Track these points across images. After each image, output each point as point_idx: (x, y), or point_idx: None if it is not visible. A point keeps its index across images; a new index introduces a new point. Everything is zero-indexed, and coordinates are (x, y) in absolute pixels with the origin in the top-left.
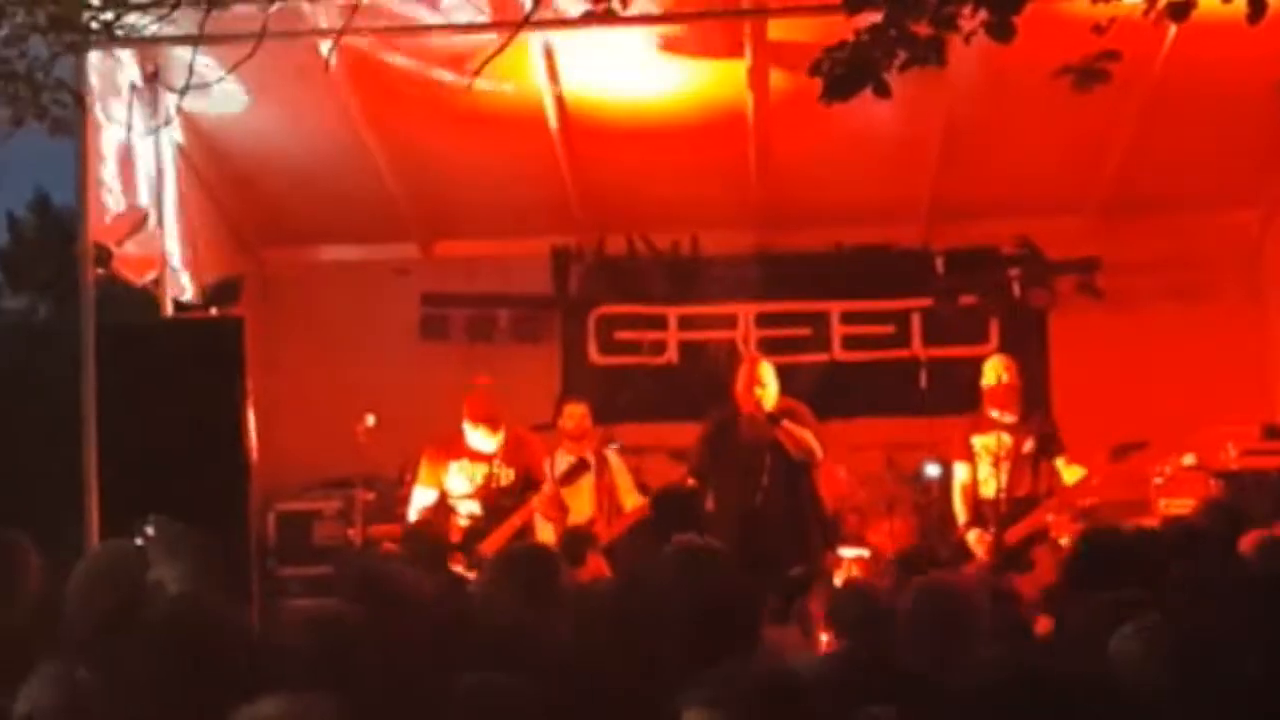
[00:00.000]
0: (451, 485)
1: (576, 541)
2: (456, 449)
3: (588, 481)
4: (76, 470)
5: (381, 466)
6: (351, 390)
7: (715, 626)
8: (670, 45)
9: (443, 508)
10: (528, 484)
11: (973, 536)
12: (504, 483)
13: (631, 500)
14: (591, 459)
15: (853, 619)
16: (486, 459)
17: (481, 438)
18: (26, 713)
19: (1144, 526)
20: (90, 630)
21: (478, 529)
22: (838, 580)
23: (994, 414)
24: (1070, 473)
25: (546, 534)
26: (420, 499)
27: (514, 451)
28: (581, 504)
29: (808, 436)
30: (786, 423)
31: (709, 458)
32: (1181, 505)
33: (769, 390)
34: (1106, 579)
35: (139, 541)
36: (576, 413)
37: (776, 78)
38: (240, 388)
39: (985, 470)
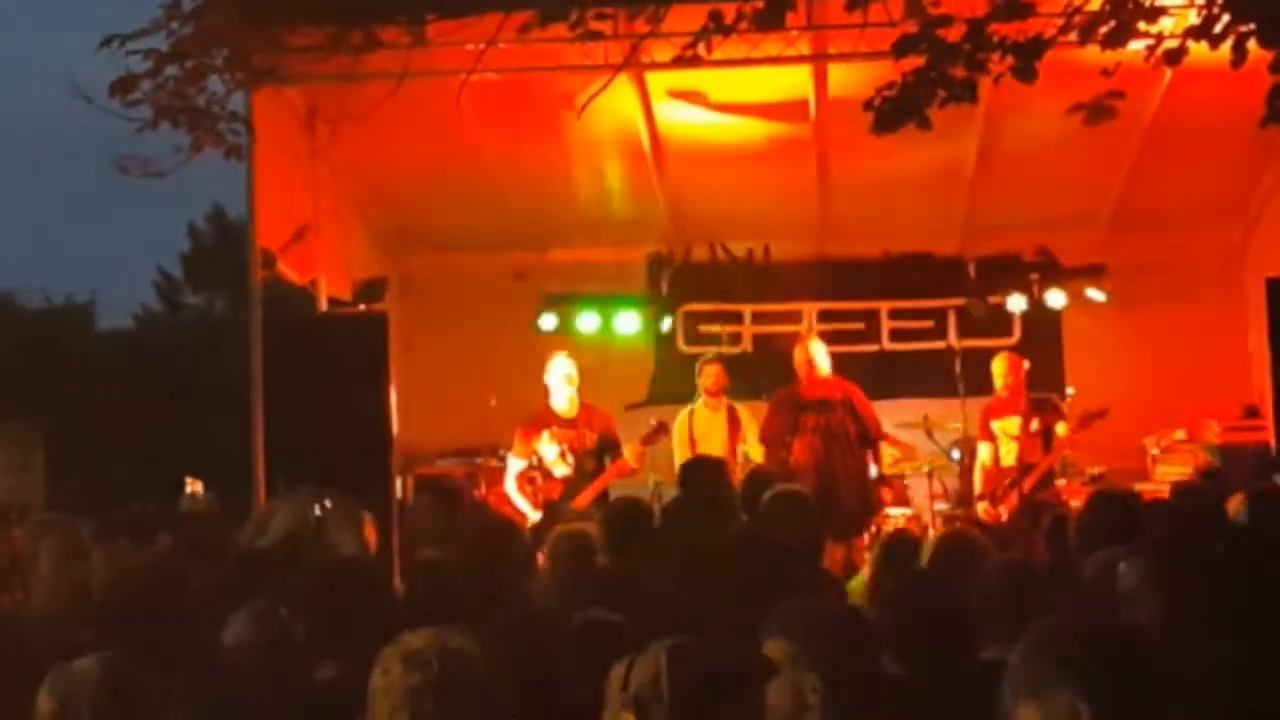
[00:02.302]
0: (544, 452)
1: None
2: (545, 420)
3: (721, 434)
4: (246, 441)
5: (503, 438)
6: (478, 374)
7: (778, 567)
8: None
9: (539, 471)
10: (606, 446)
11: (981, 508)
12: (588, 445)
13: (757, 452)
14: (688, 418)
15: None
16: (571, 424)
17: (562, 392)
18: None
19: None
20: (282, 576)
21: (571, 487)
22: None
23: (1005, 400)
24: (1060, 428)
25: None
26: (514, 467)
27: (591, 418)
28: (683, 456)
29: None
30: (883, 444)
31: (776, 426)
32: (1175, 473)
33: (820, 365)
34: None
35: (317, 511)
36: (714, 371)
37: (835, 111)
38: (384, 372)
39: (1004, 447)
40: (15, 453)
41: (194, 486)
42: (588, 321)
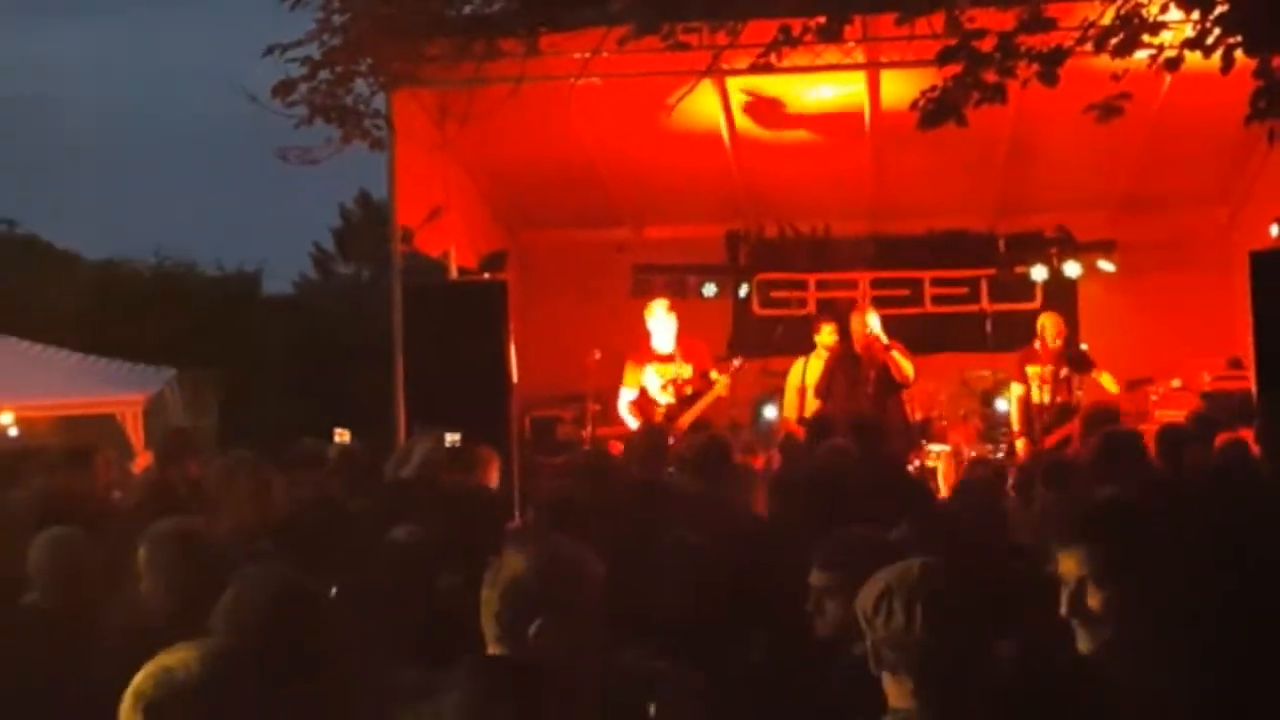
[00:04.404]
0: (648, 383)
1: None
2: (648, 355)
3: (795, 382)
4: (389, 390)
5: (605, 386)
6: (583, 332)
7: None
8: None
9: (644, 400)
10: (702, 377)
11: (1020, 444)
12: (685, 376)
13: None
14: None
15: None
16: (669, 359)
17: (661, 338)
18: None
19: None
20: (420, 501)
21: (673, 412)
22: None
23: (1039, 350)
24: (1109, 381)
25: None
26: (625, 396)
27: (688, 352)
28: (791, 398)
29: (906, 366)
30: (895, 353)
31: (828, 377)
32: (1172, 415)
33: (874, 328)
34: None
35: (447, 446)
36: (834, 329)
37: (886, 111)
38: (505, 330)
39: (1035, 389)
40: (193, 398)
41: (342, 436)
42: (675, 288)
